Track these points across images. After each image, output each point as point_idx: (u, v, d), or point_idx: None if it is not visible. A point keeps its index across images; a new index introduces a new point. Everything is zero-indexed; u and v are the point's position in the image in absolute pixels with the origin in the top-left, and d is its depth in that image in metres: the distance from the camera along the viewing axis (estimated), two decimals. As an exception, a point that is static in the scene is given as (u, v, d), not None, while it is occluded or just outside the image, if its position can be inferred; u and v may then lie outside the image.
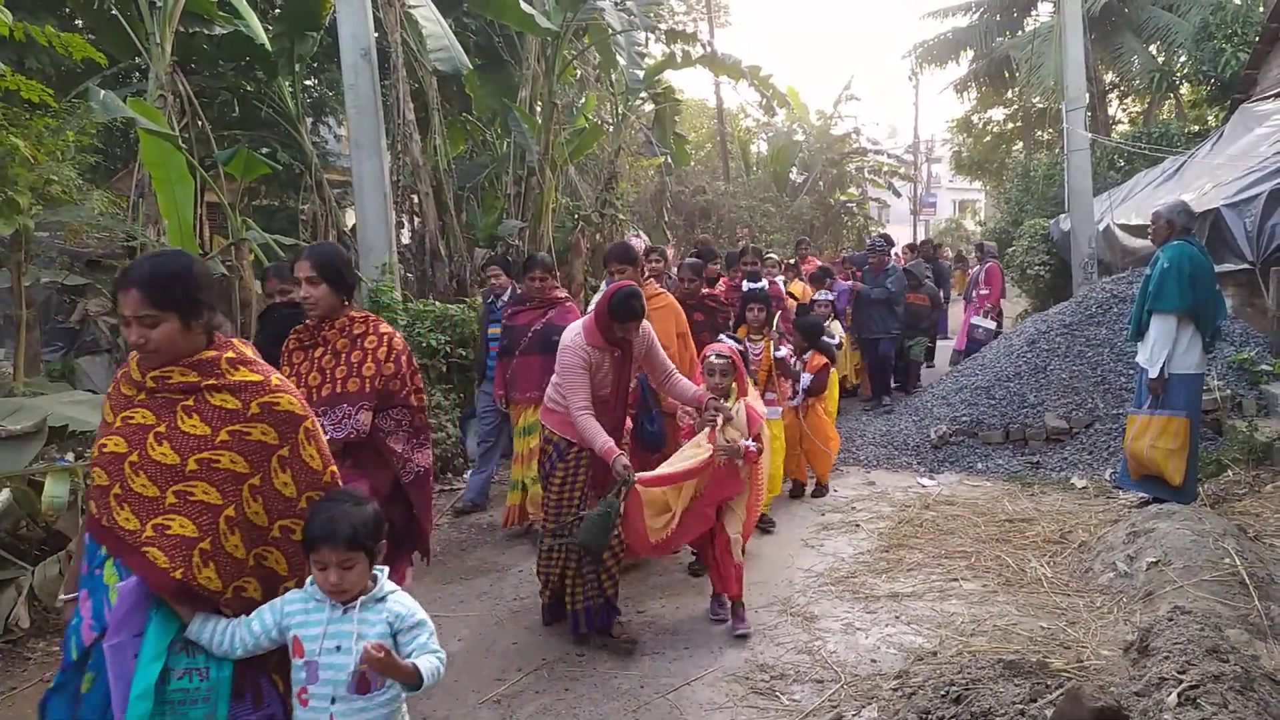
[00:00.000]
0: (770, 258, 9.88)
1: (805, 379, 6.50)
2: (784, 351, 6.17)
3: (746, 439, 4.14)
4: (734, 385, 4.33)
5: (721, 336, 5.99)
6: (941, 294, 12.35)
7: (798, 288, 9.40)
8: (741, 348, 4.84)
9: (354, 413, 3.20)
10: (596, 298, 4.76)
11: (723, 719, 3.53)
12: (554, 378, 4.26)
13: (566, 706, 3.66)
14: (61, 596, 2.52)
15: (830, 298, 8.28)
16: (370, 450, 3.27)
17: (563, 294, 5.93)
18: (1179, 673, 2.86)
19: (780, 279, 9.11)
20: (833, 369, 7.72)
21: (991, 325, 11.44)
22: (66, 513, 4.58)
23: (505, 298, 6.27)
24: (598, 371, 4.15)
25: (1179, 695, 2.72)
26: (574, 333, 4.18)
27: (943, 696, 3.08)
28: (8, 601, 4.34)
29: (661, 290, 5.61)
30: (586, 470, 4.21)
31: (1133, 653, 3.43)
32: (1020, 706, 2.84)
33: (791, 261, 10.78)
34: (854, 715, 3.44)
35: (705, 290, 6.45)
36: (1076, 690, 2.65)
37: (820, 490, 6.77)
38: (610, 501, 3.91)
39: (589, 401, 4.06)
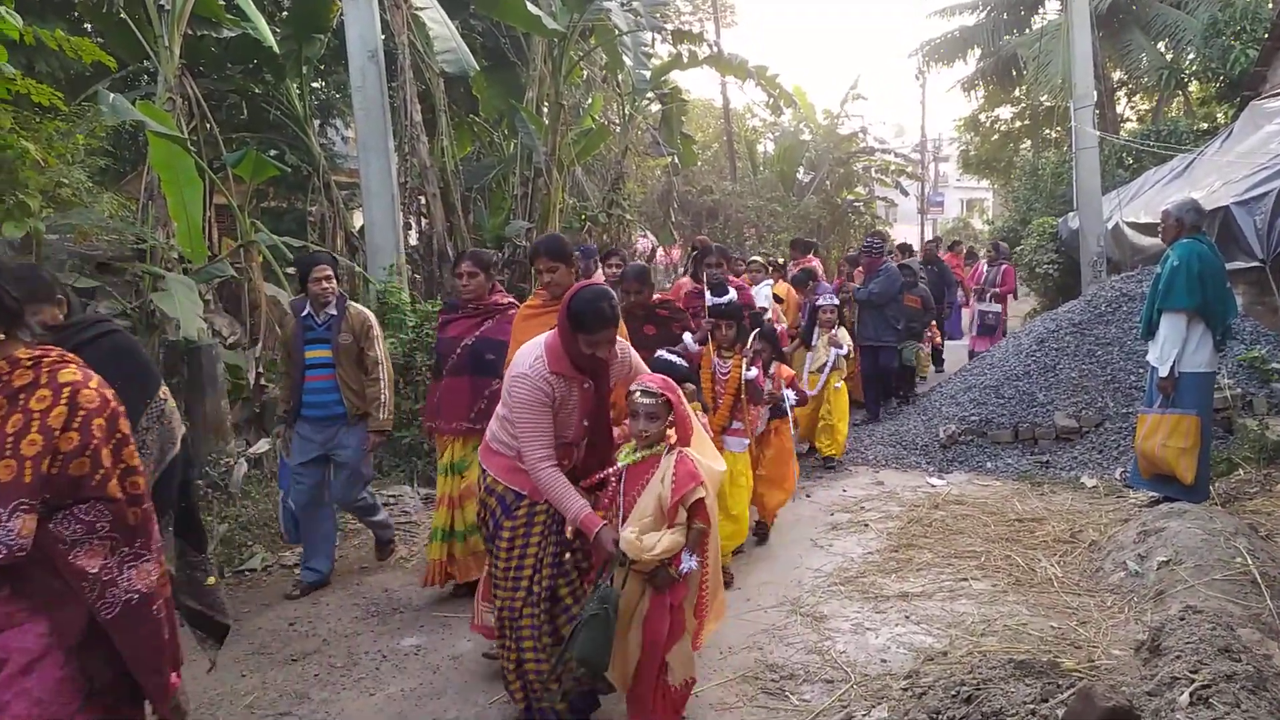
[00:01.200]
0: (754, 261, 8.82)
1: (790, 396, 5.67)
2: (754, 373, 5.15)
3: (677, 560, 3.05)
4: (669, 430, 3.17)
5: (684, 342, 5.24)
6: (948, 295, 12.14)
7: (782, 289, 8.72)
8: (683, 357, 4.12)
9: (5, 518, 1.98)
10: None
11: (733, 719, 3.53)
12: (499, 408, 3.32)
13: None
14: None
15: (834, 302, 7.67)
16: (48, 572, 2.11)
17: (505, 299, 4.82)
18: (1191, 672, 2.85)
19: (768, 283, 8.26)
20: (843, 382, 7.54)
21: (998, 308, 11.76)
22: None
23: (333, 310, 4.86)
24: (561, 408, 3.16)
25: (1191, 695, 2.71)
26: (531, 356, 3.15)
27: (953, 696, 3.07)
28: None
29: None
30: (544, 527, 3.26)
31: (1144, 652, 3.43)
32: (1031, 706, 2.83)
33: (781, 262, 10.48)
34: (864, 715, 3.43)
35: (657, 296, 5.41)
36: (1088, 690, 2.64)
37: (763, 532, 5.73)
38: (605, 594, 2.99)
39: (549, 450, 3.11)
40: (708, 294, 5.83)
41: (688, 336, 5.29)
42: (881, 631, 4.24)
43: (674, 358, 4.06)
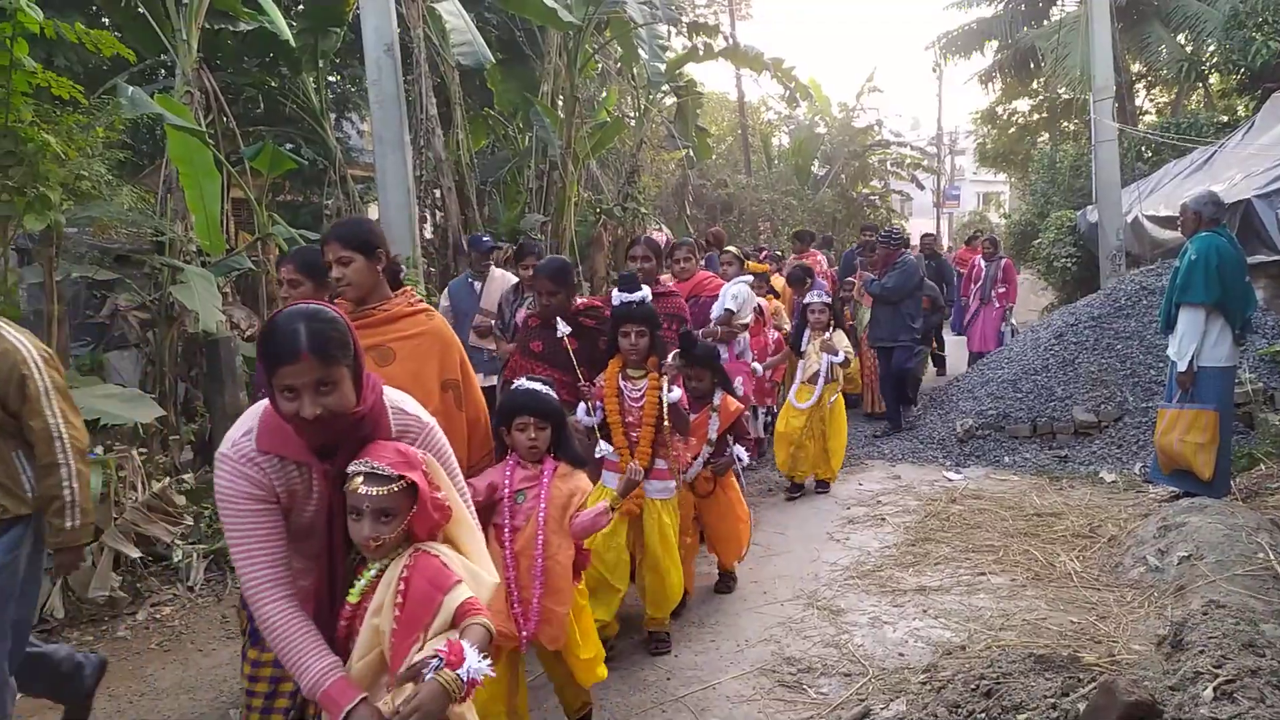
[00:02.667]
0: (727, 252, 6.97)
1: (742, 456, 4.53)
2: (678, 394, 3.95)
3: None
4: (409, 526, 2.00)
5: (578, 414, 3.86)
6: (947, 292, 11.10)
7: (776, 283, 8.10)
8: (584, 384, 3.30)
9: None
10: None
11: (750, 711, 3.53)
12: None
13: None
14: None
15: (825, 300, 6.60)
16: None
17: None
18: (1215, 667, 2.83)
19: (744, 280, 6.17)
20: (838, 395, 6.58)
21: (1012, 321, 11.18)
22: (99, 505, 4.63)
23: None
24: (293, 508, 2.04)
25: (1215, 690, 2.69)
26: (240, 428, 2.02)
27: (973, 690, 3.06)
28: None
29: (419, 307, 3.14)
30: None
31: (1166, 647, 3.40)
32: (1052, 700, 2.82)
33: (779, 254, 10.08)
34: (882, 709, 3.42)
35: (582, 301, 4.33)
36: (1110, 684, 2.62)
37: (726, 583, 4.80)
38: None
39: (275, 571, 1.97)
40: (615, 293, 4.08)
41: (581, 408, 3.92)
42: (899, 625, 4.23)
43: (539, 387, 3.06)
